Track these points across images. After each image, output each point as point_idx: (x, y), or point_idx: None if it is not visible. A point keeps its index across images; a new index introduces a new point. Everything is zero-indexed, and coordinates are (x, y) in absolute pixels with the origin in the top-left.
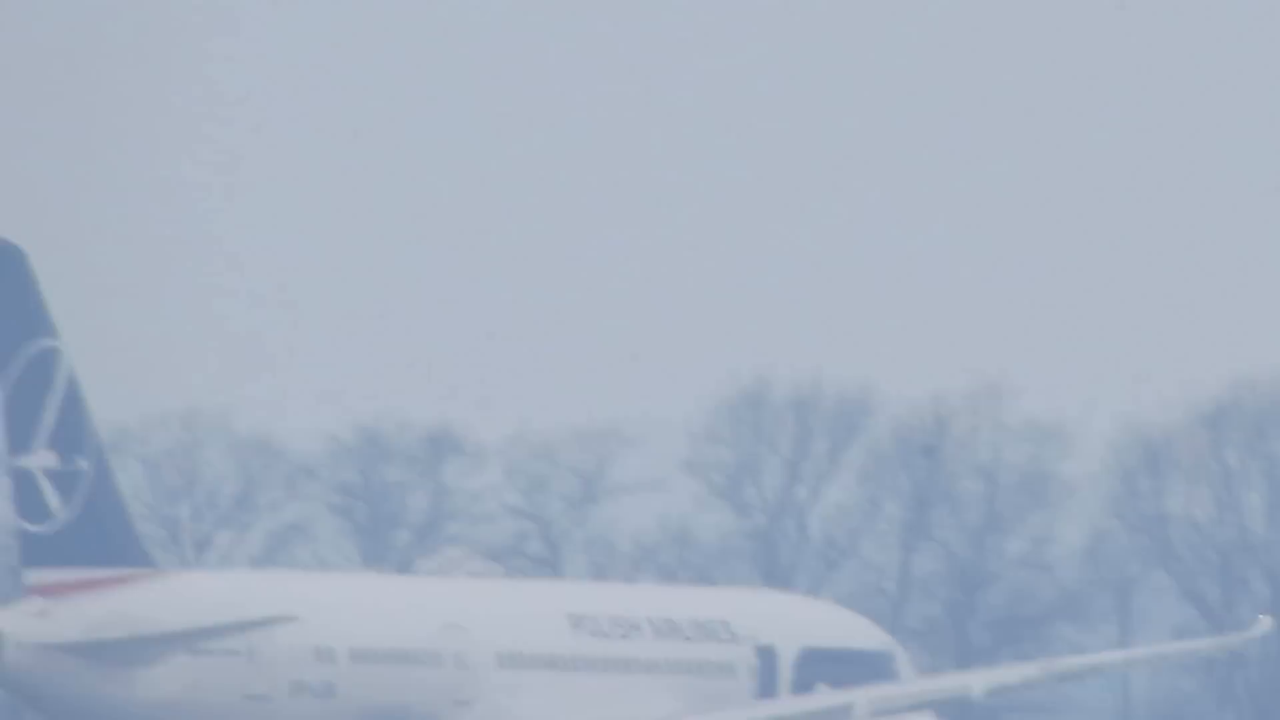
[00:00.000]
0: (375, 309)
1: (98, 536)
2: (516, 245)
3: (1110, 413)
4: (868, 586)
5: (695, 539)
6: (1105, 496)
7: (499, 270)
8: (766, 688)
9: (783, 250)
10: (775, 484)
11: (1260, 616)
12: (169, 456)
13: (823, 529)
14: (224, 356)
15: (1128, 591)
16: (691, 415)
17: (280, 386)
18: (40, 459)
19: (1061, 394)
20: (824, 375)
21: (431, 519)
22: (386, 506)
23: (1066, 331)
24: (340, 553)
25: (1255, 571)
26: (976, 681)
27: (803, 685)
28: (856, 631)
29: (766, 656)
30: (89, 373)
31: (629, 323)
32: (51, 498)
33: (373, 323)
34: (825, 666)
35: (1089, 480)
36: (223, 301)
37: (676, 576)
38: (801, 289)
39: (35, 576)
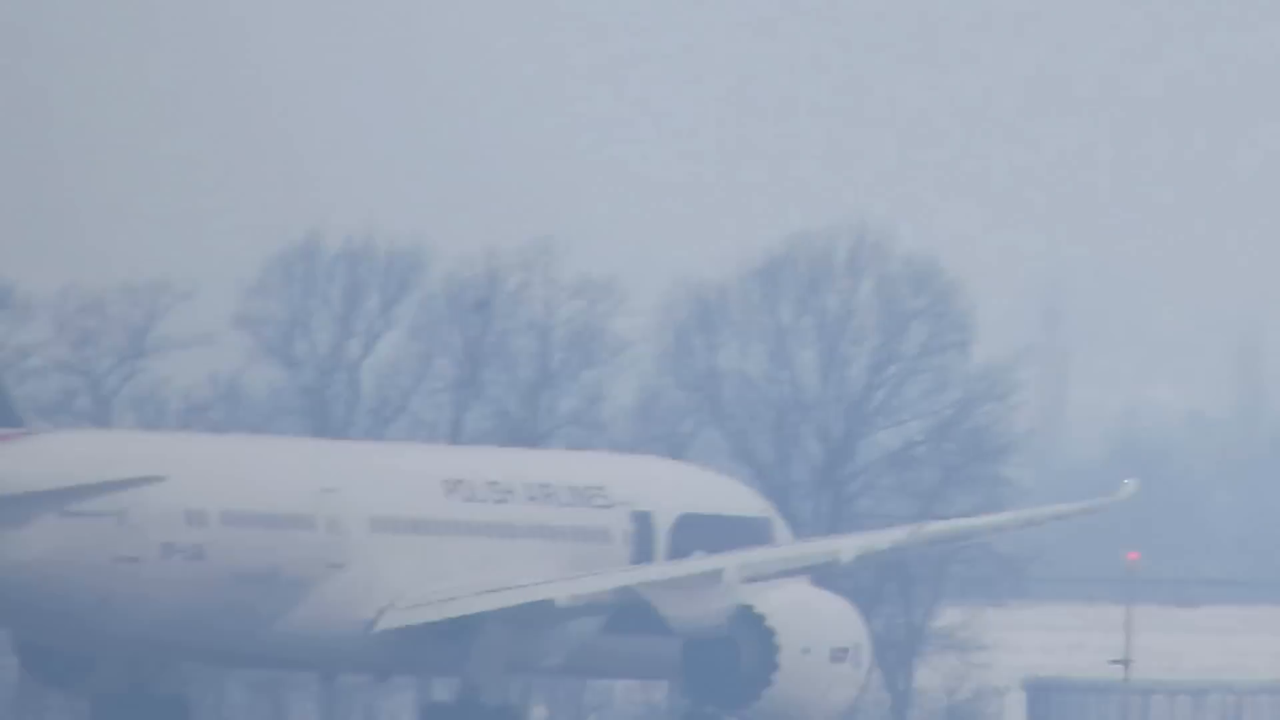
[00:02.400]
0: None
1: None
2: (60, 100)
3: (663, 269)
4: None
5: (247, 395)
6: (658, 353)
7: (41, 127)
8: (642, 553)
9: (335, 105)
10: (327, 339)
11: (1125, 480)
12: None
13: (375, 384)
14: None
15: (681, 448)
16: (242, 269)
17: None
18: None
19: (614, 250)
20: (376, 228)
21: None
22: None
23: (619, 188)
24: None
25: (808, 429)
26: (847, 547)
27: (679, 551)
28: (735, 498)
29: (642, 522)
30: None
31: (181, 176)
32: None
33: None
34: (702, 532)
35: (642, 336)
36: None
37: (228, 432)
38: (353, 143)
39: None
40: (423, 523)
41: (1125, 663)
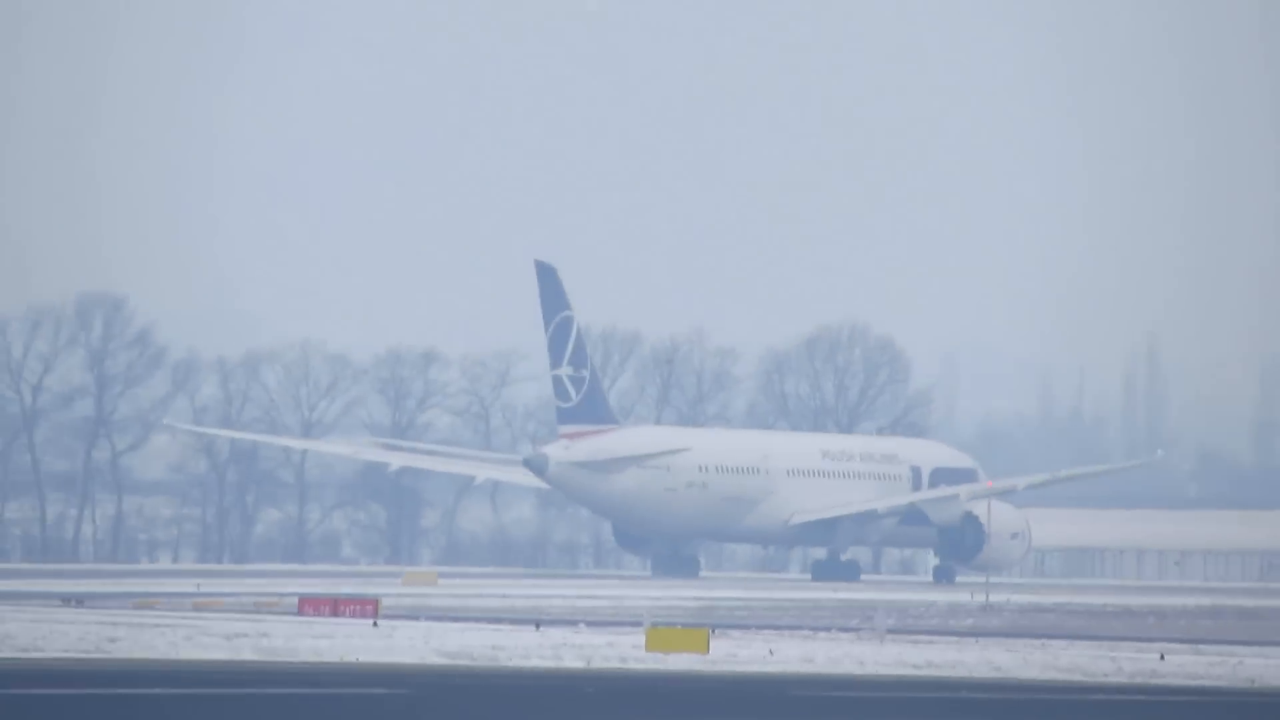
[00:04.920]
0: None
1: (592, 409)
2: None
3: (753, 339)
4: None
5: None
6: (759, 385)
7: None
8: (916, 486)
9: None
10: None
11: (1159, 450)
12: None
13: (617, 402)
14: None
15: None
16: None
17: None
18: (565, 370)
19: (732, 333)
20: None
21: None
22: None
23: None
24: None
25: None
26: (1020, 482)
27: (934, 485)
28: (958, 458)
29: (916, 471)
30: None
31: None
32: (570, 389)
33: None
34: (945, 475)
35: (748, 375)
36: None
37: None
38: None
39: (563, 429)
40: (812, 471)
41: None
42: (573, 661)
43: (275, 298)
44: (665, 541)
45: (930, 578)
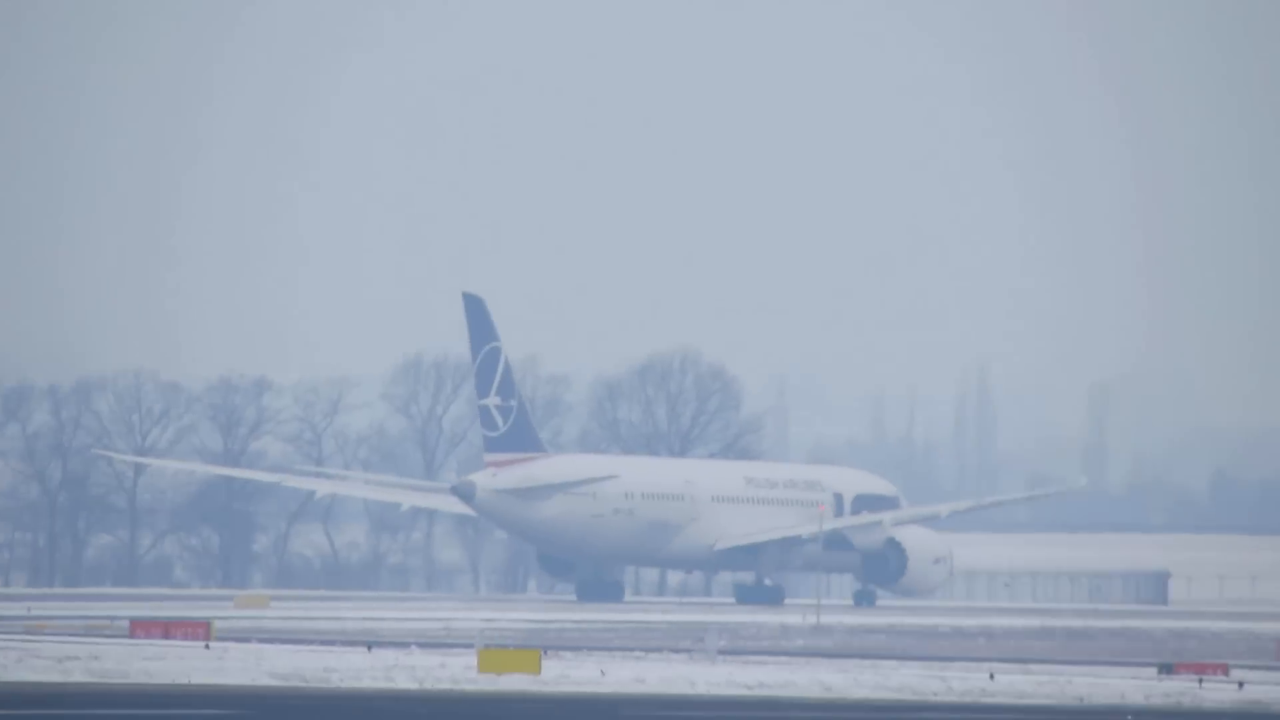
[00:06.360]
0: None
1: (519, 437)
2: None
3: (588, 369)
4: None
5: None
6: (591, 410)
7: None
8: (839, 512)
9: None
10: None
11: (1082, 478)
12: None
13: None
14: None
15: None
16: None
17: None
18: (493, 400)
19: (569, 364)
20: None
21: None
22: None
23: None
24: None
25: (662, 447)
26: (943, 509)
27: (856, 511)
28: (879, 484)
29: (838, 497)
30: None
31: None
32: (498, 419)
33: None
34: (867, 502)
35: (580, 401)
36: None
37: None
38: None
39: (490, 458)
40: (736, 498)
41: None
42: (405, 683)
43: (106, 326)
44: (590, 567)
45: (851, 601)
